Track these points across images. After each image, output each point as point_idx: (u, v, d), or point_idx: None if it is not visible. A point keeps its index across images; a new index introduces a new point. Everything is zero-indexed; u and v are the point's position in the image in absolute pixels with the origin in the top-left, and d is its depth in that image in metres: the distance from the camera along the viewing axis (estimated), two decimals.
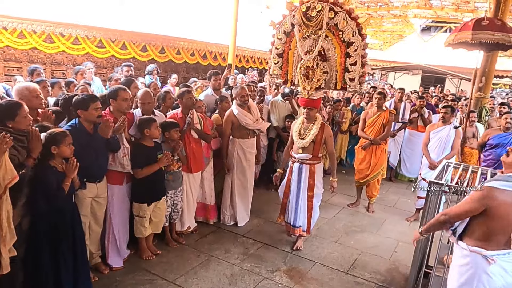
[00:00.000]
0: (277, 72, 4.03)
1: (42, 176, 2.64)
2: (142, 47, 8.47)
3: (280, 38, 3.91)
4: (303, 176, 3.94)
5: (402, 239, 4.60)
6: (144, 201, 3.55)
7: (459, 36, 5.02)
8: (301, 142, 3.87)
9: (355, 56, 3.49)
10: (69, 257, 2.83)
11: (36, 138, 2.57)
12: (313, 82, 3.65)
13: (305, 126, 3.93)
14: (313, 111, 3.85)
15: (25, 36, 6.77)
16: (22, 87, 3.07)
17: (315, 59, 3.61)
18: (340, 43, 3.55)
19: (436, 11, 13.13)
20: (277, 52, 3.97)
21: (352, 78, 3.56)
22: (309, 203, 4.03)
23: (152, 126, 3.45)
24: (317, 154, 3.95)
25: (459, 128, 4.96)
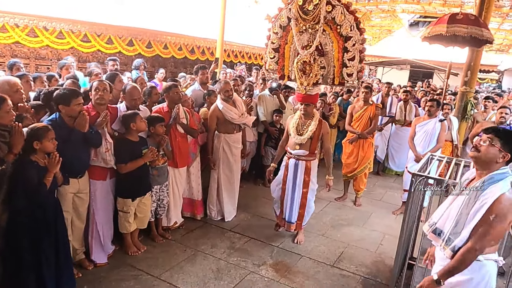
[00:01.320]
0: (273, 67, 3.98)
1: (23, 171, 2.58)
2: (128, 41, 8.36)
3: (276, 32, 3.85)
4: (299, 172, 3.93)
5: (388, 232, 4.64)
6: (128, 196, 3.51)
7: (434, 29, 5.10)
8: (299, 138, 3.83)
9: (353, 50, 3.44)
10: (51, 254, 2.78)
11: (18, 133, 2.51)
12: (310, 78, 3.60)
13: (303, 122, 3.88)
14: (310, 107, 3.80)
15: (8, 30, 6.63)
16: (2, 81, 3.01)
17: (312, 54, 3.57)
18: (337, 37, 3.50)
19: (424, 6, 13.24)
20: (273, 47, 3.91)
21: (350, 73, 3.53)
22: (303, 200, 4.02)
23: (138, 119, 3.41)
24: (314, 150, 3.92)
25: (444, 121, 5.00)
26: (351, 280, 3.60)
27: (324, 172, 6.86)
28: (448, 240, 2.12)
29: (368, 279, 3.62)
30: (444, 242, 2.14)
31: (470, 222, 2.03)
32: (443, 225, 2.20)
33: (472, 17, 5.29)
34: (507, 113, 4.87)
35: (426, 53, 14.76)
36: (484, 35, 5.20)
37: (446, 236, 2.13)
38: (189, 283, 3.32)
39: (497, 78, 21.60)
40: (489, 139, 2.05)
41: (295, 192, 4.00)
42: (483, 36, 5.17)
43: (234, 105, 4.44)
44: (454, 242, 2.07)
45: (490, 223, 1.95)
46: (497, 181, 2.01)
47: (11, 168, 2.55)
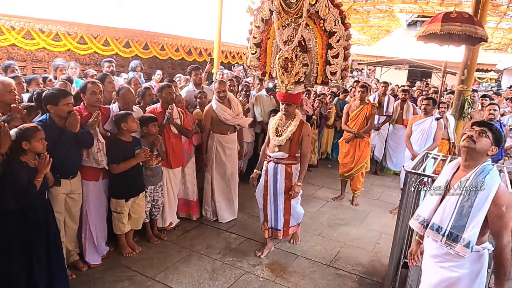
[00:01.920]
0: (255, 64, 3.76)
1: (12, 172, 2.55)
2: (125, 43, 8.35)
3: (258, 26, 3.63)
4: (279, 177, 3.66)
5: (385, 231, 4.61)
6: (121, 197, 3.50)
7: (429, 28, 5.12)
8: (277, 140, 3.59)
9: (337, 47, 3.20)
10: (43, 255, 2.76)
11: (4, 133, 2.49)
12: (292, 75, 3.37)
13: (283, 122, 3.66)
14: (292, 107, 3.57)
15: (3, 33, 6.61)
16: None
17: (295, 50, 3.34)
18: (321, 32, 3.26)
19: (422, 6, 13.21)
20: (255, 42, 3.69)
21: (333, 72, 3.27)
22: (286, 205, 3.76)
23: (129, 119, 3.39)
24: (294, 153, 3.65)
25: (440, 119, 4.98)
26: (347, 279, 3.57)
27: (324, 172, 6.99)
28: (451, 235, 2.10)
29: (365, 278, 3.60)
30: (446, 237, 2.12)
31: (476, 215, 2.03)
32: (440, 220, 2.18)
33: (466, 15, 5.31)
34: (496, 110, 4.89)
35: (424, 53, 14.78)
36: (478, 33, 5.20)
37: (447, 231, 2.12)
38: (183, 284, 3.30)
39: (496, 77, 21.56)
40: (483, 131, 2.06)
41: (277, 197, 3.73)
42: (477, 34, 5.18)
43: (229, 106, 4.41)
44: (464, 237, 2.05)
45: (504, 214, 1.99)
46: (488, 172, 2.04)
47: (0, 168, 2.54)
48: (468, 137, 2.10)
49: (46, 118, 2.96)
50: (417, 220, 2.32)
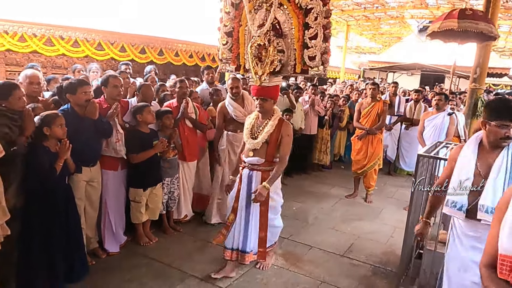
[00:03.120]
0: (227, 56, 3.28)
1: (35, 156, 2.70)
2: (141, 49, 8.58)
3: (228, 12, 3.17)
4: (254, 186, 3.13)
5: (400, 225, 4.58)
6: (139, 186, 3.61)
7: (445, 24, 5.14)
8: (251, 143, 3.08)
9: (315, 26, 2.77)
10: (62, 238, 2.87)
11: (28, 117, 2.65)
12: (266, 65, 2.88)
13: (259, 122, 3.14)
14: (268, 103, 3.05)
15: (26, 40, 6.89)
16: (25, 73, 3.24)
17: (268, 34, 2.88)
18: (297, 11, 2.84)
19: (433, 11, 13.25)
20: (226, 31, 3.23)
21: (312, 56, 2.82)
22: (261, 219, 3.17)
23: (145, 111, 3.52)
24: (272, 158, 3.11)
25: (452, 114, 5.00)
26: (361, 268, 3.59)
27: (337, 173, 7.01)
28: None
29: (378, 268, 3.61)
30: None
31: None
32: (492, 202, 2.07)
33: (480, 13, 5.33)
34: None
35: (436, 58, 14.74)
36: (493, 32, 5.23)
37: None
38: (198, 271, 3.36)
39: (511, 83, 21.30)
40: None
41: (249, 211, 3.18)
42: (492, 33, 5.19)
43: (242, 104, 4.37)
44: None
45: None
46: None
47: (24, 151, 2.68)
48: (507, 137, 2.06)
49: (67, 108, 3.11)
50: (454, 207, 2.22)
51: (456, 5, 11.95)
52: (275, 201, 3.30)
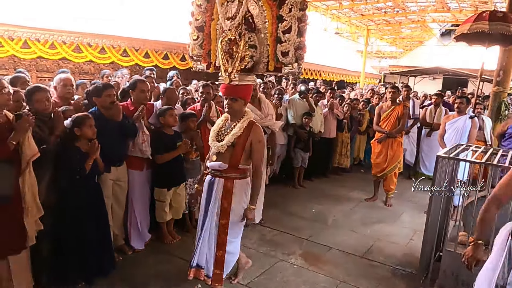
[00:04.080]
0: (197, 52, 3.04)
1: (66, 155, 2.88)
2: (164, 55, 8.83)
3: (199, 5, 2.94)
4: (214, 194, 2.78)
5: (420, 228, 4.53)
6: (164, 186, 3.75)
7: (475, 26, 5.07)
8: (216, 145, 2.76)
9: (289, 19, 2.53)
10: (93, 235, 3.03)
11: (58, 118, 2.86)
12: (237, 61, 2.62)
13: (228, 124, 2.84)
14: (237, 103, 2.73)
15: (56, 47, 7.21)
16: (59, 76, 3.52)
17: (239, 27, 2.64)
18: (270, 2, 2.62)
19: (455, 14, 13.10)
20: (197, 25, 2.98)
21: (285, 52, 2.57)
22: (220, 236, 2.77)
23: (167, 114, 3.66)
24: (236, 164, 2.74)
25: (474, 118, 4.96)
26: (380, 269, 3.62)
27: (357, 176, 7.02)
28: None
29: (398, 269, 3.63)
30: None
31: None
32: None
33: None
34: None
35: (459, 62, 14.53)
36: None
37: None
38: None
39: None
40: None
41: (205, 221, 2.81)
42: None
43: (259, 106, 4.40)
44: None
45: None
46: None
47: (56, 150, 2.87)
48: None
49: (94, 110, 3.28)
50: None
51: (479, 8, 11.80)
52: (236, 216, 2.78)
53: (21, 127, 2.51)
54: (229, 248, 2.81)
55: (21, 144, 2.56)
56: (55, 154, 2.88)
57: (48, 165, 2.87)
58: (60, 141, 2.95)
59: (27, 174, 2.62)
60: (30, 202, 2.66)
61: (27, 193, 2.62)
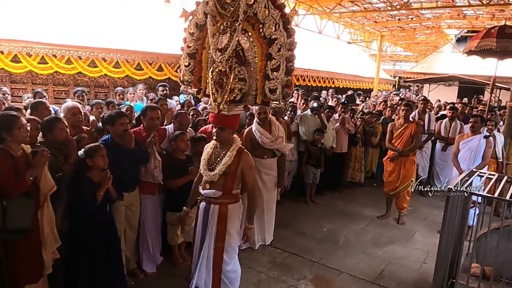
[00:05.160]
0: (189, 78, 3.12)
1: (78, 186, 2.94)
2: (177, 68, 8.94)
3: (192, 33, 3.01)
4: (210, 220, 2.92)
5: (433, 250, 4.49)
6: (175, 210, 3.76)
7: (483, 43, 5.05)
8: (208, 174, 2.88)
9: (278, 58, 2.62)
10: (102, 261, 3.08)
11: (71, 146, 2.94)
12: (226, 92, 2.73)
13: (217, 152, 2.95)
14: (226, 132, 2.86)
15: (72, 62, 7.39)
16: (66, 105, 3.58)
17: (230, 60, 2.73)
18: (260, 40, 2.69)
19: (471, 21, 12.89)
20: (189, 52, 3.07)
21: (273, 89, 2.67)
22: (216, 259, 2.91)
23: (178, 139, 3.71)
24: (230, 190, 2.91)
25: (489, 137, 4.88)
26: None
27: (370, 191, 6.96)
28: None
29: None
30: None
31: None
32: None
33: None
34: None
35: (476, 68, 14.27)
36: None
37: None
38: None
39: None
40: None
41: (203, 247, 2.94)
42: None
43: (269, 129, 4.36)
44: None
45: None
46: None
47: (69, 180, 2.95)
48: None
49: (108, 138, 3.36)
50: None
51: (496, 15, 11.59)
52: (232, 238, 2.95)
53: (38, 162, 2.59)
54: (229, 268, 2.97)
55: (39, 178, 2.65)
56: (68, 183, 2.96)
57: (63, 193, 2.95)
58: (73, 170, 3.03)
59: (45, 207, 2.71)
60: (48, 234, 2.75)
61: (45, 226, 2.72)
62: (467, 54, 5.95)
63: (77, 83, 8.18)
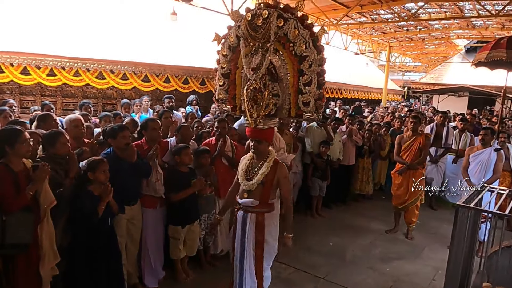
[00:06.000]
0: (223, 97, 3.30)
1: (79, 200, 2.91)
2: (184, 79, 8.98)
3: (225, 55, 3.20)
4: (248, 228, 3.06)
5: (443, 267, 4.36)
6: (178, 223, 3.74)
7: (493, 54, 4.96)
8: (246, 184, 3.05)
9: (309, 73, 2.79)
10: (103, 276, 3.04)
11: (73, 160, 2.92)
12: (262, 108, 2.91)
13: (254, 163, 3.12)
14: (262, 145, 3.05)
15: (80, 74, 7.46)
16: (68, 118, 3.60)
17: (263, 78, 2.91)
18: (291, 58, 2.86)
19: (481, 31, 12.77)
20: (223, 72, 3.24)
21: (306, 102, 2.84)
22: (257, 265, 3.09)
23: (182, 153, 3.68)
24: (267, 199, 3.06)
25: (500, 150, 4.75)
26: None
27: (378, 203, 6.83)
28: None
29: None
30: None
31: None
32: None
33: None
34: None
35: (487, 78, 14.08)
36: None
37: None
38: None
39: None
40: None
41: (244, 254, 3.08)
42: None
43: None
44: None
45: None
46: None
47: (70, 194, 2.92)
48: None
49: (110, 151, 3.34)
50: None
51: (506, 25, 11.47)
52: (270, 245, 3.12)
53: (38, 177, 2.57)
54: (265, 274, 3.16)
55: (39, 193, 2.62)
56: (68, 197, 2.93)
57: (64, 207, 2.92)
58: (73, 184, 3.00)
59: (45, 222, 2.67)
60: (48, 249, 2.70)
61: (44, 241, 2.67)
62: (475, 66, 5.85)
63: (85, 95, 8.27)
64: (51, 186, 2.74)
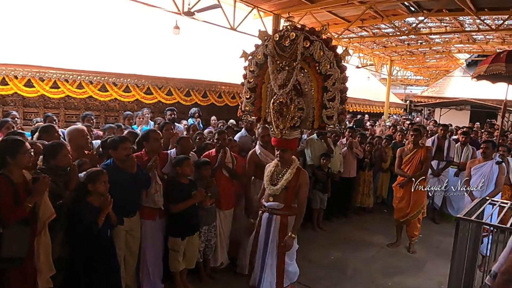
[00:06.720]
0: (250, 108, 3.57)
1: (78, 211, 2.90)
2: (186, 92, 9.04)
3: (252, 71, 3.47)
4: (273, 229, 3.33)
5: (445, 281, 4.30)
6: (178, 235, 3.71)
7: (492, 67, 4.98)
8: (272, 189, 3.33)
9: (333, 90, 3.04)
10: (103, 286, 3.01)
11: (73, 172, 2.92)
12: (287, 120, 3.18)
13: (279, 170, 3.40)
14: (287, 153, 3.34)
15: (83, 87, 7.53)
16: (73, 128, 3.60)
17: (289, 93, 3.17)
18: (316, 76, 3.12)
19: (481, 45, 12.85)
20: (249, 86, 3.52)
21: (330, 116, 3.09)
22: (279, 262, 3.33)
23: (184, 164, 3.69)
24: (290, 203, 3.35)
25: (502, 163, 4.74)
26: None
27: (379, 217, 6.78)
28: None
29: None
30: None
31: None
32: None
33: None
34: None
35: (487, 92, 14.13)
36: None
37: None
38: None
39: None
40: None
41: (267, 251, 3.34)
42: None
43: (272, 151, 4.17)
44: None
45: None
46: None
47: (69, 205, 2.91)
48: None
49: (110, 162, 3.35)
50: None
51: (507, 40, 11.54)
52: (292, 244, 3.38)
53: (38, 189, 2.56)
54: (291, 268, 3.41)
55: (38, 205, 2.61)
56: (67, 209, 2.92)
57: (63, 220, 2.90)
58: (73, 195, 3.00)
59: (42, 235, 2.65)
60: (43, 262, 2.68)
61: (41, 254, 2.65)
62: (476, 79, 5.88)
63: (88, 107, 8.33)
64: (50, 198, 2.73)
